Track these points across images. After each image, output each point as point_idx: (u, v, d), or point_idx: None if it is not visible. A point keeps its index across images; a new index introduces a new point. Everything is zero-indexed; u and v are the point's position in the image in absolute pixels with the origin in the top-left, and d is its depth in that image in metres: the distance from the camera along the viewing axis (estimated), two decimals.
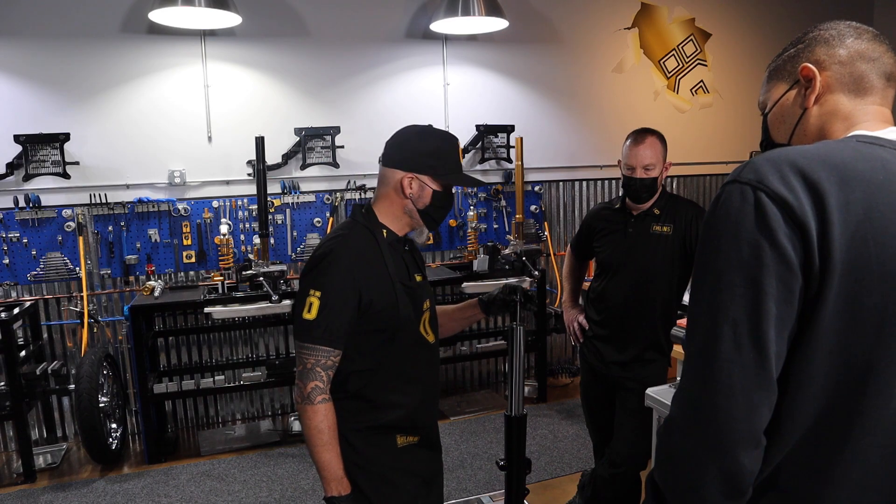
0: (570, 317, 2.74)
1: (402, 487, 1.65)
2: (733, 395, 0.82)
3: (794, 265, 0.82)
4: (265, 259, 3.74)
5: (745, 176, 0.86)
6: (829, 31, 1.03)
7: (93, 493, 3.26)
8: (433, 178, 1.61)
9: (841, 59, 1.01)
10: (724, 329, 0.83)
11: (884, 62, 1.00)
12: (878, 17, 5.48)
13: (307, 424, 1.53)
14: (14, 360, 3.29)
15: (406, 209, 1.64)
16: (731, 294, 0.83)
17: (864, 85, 1.00)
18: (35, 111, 3.67)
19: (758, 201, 0.83)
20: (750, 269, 0.82)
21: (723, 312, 0.83)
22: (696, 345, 0.87)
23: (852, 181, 0.83)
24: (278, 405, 4.31)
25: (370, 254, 1.58)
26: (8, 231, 3.67)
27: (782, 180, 0.83)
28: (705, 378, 0.84)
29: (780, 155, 0.87)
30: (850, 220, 0.81)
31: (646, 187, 2.42)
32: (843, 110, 1.01)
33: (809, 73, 1.02)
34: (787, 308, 0.82)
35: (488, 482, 3.25)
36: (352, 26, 4.18)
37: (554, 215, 4.79)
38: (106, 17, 3.74)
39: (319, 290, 1.51)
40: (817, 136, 1.03)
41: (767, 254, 0.81)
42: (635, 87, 4.91)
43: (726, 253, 0.84)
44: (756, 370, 0.82)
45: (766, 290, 0.81)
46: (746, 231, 0.83)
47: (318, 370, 1.53)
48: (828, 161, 0.85)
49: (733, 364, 0.82)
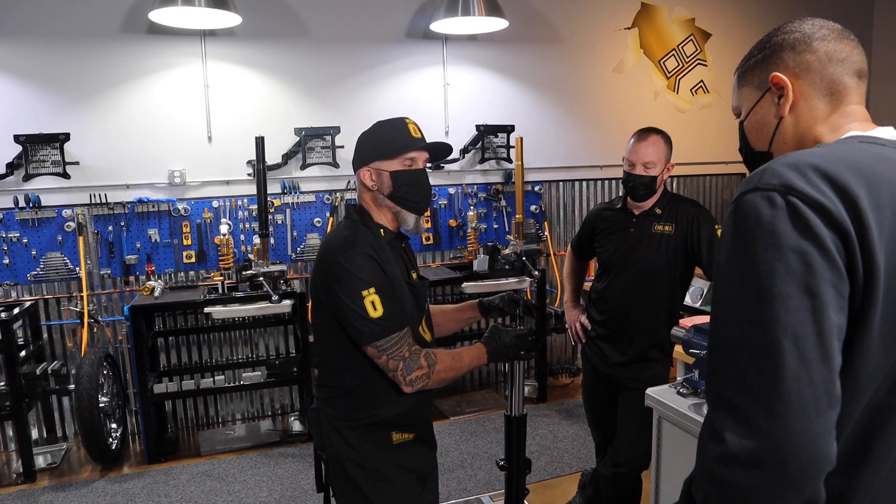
0: (571, 317, 2.74)
1: (398, 483, 1.67)
2: (808, 418, 0.74)
3: (843, 271, 0.77)
4: (265, 259, 3.74)
5: (767, 182, 0.80)
6: (794, 33, 1.01)
7: (93, 493, 3.26)
8: (385, 161, 1.64)
9: (810, 66, 0.99)
10: (786, 344, 0.75)
11: (853, 61, 0.99)
12: (878, 17, 5.48)
13: (447, 379, 1.64)
14: (14, 360, 3.29)
15: (378, 200, 1.67)
16: (785, 306, 0.75)
17: (838, 87, 0.98)
18: (35, 111, 3.67)
19: (792, 207, 0.77)
20: (802, 277, 0.75)
21: (780, 327, 0.75)
22: (749, 369, 0.77)
23: (877, 183, 0.80)
24: (278, 405, 4.31)
25: (379, 252, 1.60)
26: (8, 231, 3.66)
27: (811, 184, 0.78)
28: (771, 403, 0.74)
29: (797, 159, 0.82)
30: (885, 223, 0.78)
31: (643, 185, 2.41)
32: (821, 117, 0.99)
33: (780, 82, 1.00)
34: (842, 316, 0.77)
35: (488, 482, 3.25)
36: (352, 26, 4.18)
37: (554, 215, 4.79)
38: (106, 17, 3.74)
39: (371, 286, 1.54)
40: (798, 143, 1.01)
41: (818, 260, 0.75)
42: (635, 87, 4.91)
43: (768, 263, 0.77)
44: (826, 386, 0.75)
45: (825, 298, 0.75)
46: (788, 238, 0.76)
47: (414, 348, 1.58)
48: (849, 163, 0.81)
49: (802, 382, 0.74)
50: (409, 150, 1.64)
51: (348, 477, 1.64)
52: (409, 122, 1.67)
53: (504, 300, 1.88)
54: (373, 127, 1.70)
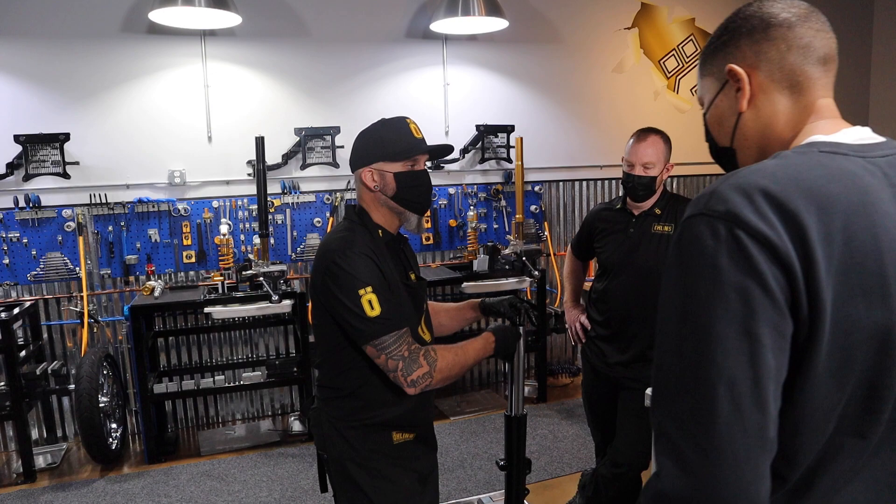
0: (571, 317, 2.74)
1: (399, 483, 1.67)
2: (738, 465, 0.72)
3: (785, 310, 0.73)
4: (265, 259, 3.74)
5: (713, 208, 0.76)
6: (752, 18, 0.92)
7: (93, 493, 3.26)
8: (388, 162, 1.63)
9: (768, 55, 0.90)
10: (720, 389, 0.72)
11: (816, 47, 0.89)
12: (878, 17, 5.48)
13: (452, 376, 1.62)
14: (14, 360, 3.29)
15: (380, 201, 1.66)
16: (723, 348, 0.72)
17: (800, 79, 0.90)
18: (35, 111, 3.67)
19: (735, 239, 0.73)
20: (741, 319, 0.72)
21: (714, 369, 0.72)
22: (684, 407, 0.75)
23: (830, 208, 0.75)
24: (278, 405, 4.31)
25: (376, 253, 1.61)
26: (8, 231, 3.66)
27: (758, 213, 0.74)
28: (704, 448, 0.73)
29: (748, 181, 0.77)
30: (834, 255, 0.74)
31: (643, 185, 2.41)
32: (783, 111, 0.92)
33: (737, 75, 0.93)
34: (782, 358, 0.74)
35: (488, 482, 3.25)
36: (352, 26, 4.18)
37: (554, 215, 4.79)
38: (106, 17, 3.74)
39: (368, 284, 1.53)
40: (760, 140, 0.94)
41: (758, 300, 0.72)
42: (635, 87, 4.91)
43: (707, 301, 0.74)
44: (759, 433, 0.72)
45: (763, 341, 0.72)
46: (730, 274, 0.73)
47: (413, 347, 1.57)
48: (801, 185, 0.76)
49: (734, 428, 0.72)
50: (414, 154, 1.63)
51: (349, 477, 1.64)
52: (411, 123, 1.67)
53: (505, 305, 1.86)
54: (373, 126, 1.69)
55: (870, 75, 5.57)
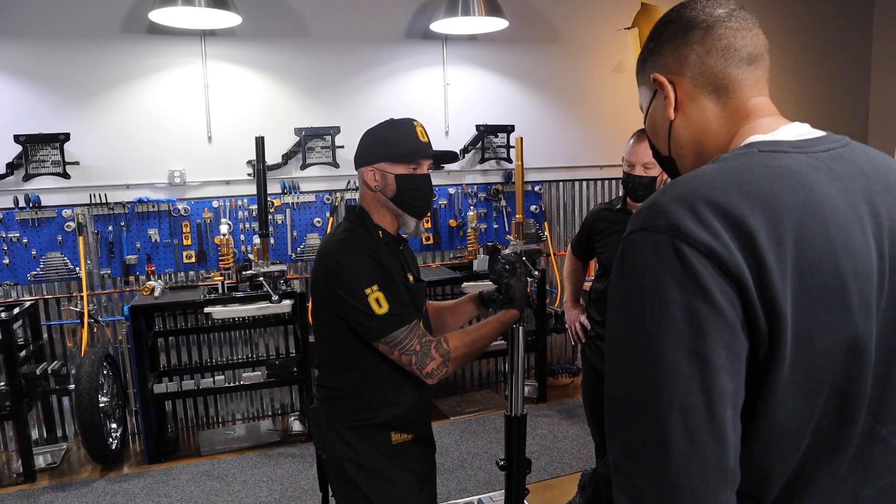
0: (571, 317, 2.74)
1: (398, 483, 1.67)
2: (697, 499, 0.67)
3: (738, 328, 0.68)
4: (265, 259, 3.74)
5: (653, 222, 0.71)
6: (672, 24, 0.90)
7: (93, 493, 3.26)
8: (391, 164, 1.63)
9: (688, 61, 0.87)
10: (672, 419, 0.67)
11: (738, 47, 0.86)
12: (878, 17, 5.48)
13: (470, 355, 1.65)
14: (14, 360, 3.29)
15: (380, 201, 1.66)
16: (672, 374, 0.67)
17: (724, 83, 0.86)
18: (35, 111, 3.67)
19: (679, 254, 0.68)
20: (690, 341, 0.67)
21: (665, 397, 0.67)
22: (636, 438, 0.70)
23: (777, 209, 0.70)
24: (278, 405, 4.31)
25: (376, 251, 1.61)
26: (8, 231, 3.66)
27: (701, 223, 0.69)
28: (659, 482, 0.68)
29: (688, 191, 0.73)
30: (787, 259, 0.69)
31: (643, 185, 2.41)
32: (713, 116, 0.88)
33: (660, 82, 0.91)
34: (739, 379, 0.69)
35: (488, 482, 3.25)
36: (352, 26, 4.18)
37: (554, 215, 4.79)
38: (106, 17, 3.74)
39: (375, 283, 1.54)
40: (695, 146, 0.91)
41: (707, 319, 0.67)
42: (635, 87, 4.88)
43: (654, 323, 0.69)
44: (718, 464, 0.68)
45: (716, 363, 0.67)
46: (674, 293, 0.68)
47: (424, 340, 1.58)
48: (743, 187, 0.72)
49: (691, 461, 0.67)
50: (417, 158, 1.63)
51: (348, 477, 1.65)
52: (418, 126, 1.66)
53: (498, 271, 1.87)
54: (381, 126, 1.68)
55: (870, 75, 5.57)
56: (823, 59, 5.28)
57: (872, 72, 5.57)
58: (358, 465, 1.64)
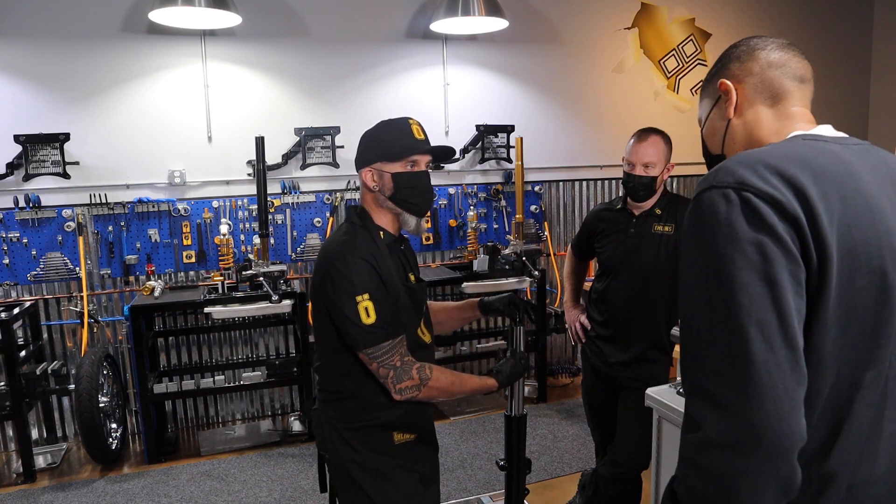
0: (571, 317, 2.74)
1: (401, 483, 1.67)
2: (778, 397, 0.79)
3: (798, 258, 0.82)
4: (265, 259, 3.74)
5: (721, 180, 0.87)
6: (741, 47, 1.11)
7: (93, 493, 3.26)
8: (387, 162, 1.64)
9: (752, 71, 1.07)
10: (751, 331, 0.80)
11: (791, 67, 1.06)
12: (878, 17, 5.48)
13: (440, 397, 1.64)
14: (14, 360, 3.29)
15: (380, 201, 1.67)
16: (748, 294, 0.81)
17: (778, 90, 1.06)
18: (35, 111, 3.67)
19: (746, 201, 0.83)
20: (761, 267, 0.81)
21: (744, 314, 0.80)
22: (720, 355, 0.82)
23: (822, 175, 0.86)
24: (278, 405, 4.31)
25: (376, 257, 1.60)
26: (8, 231, 3.66)
27: (762, 179, 0.84)
28: (743, 386, 0.80)
29: (748, 157, 0.89)
30: (833, 210, 0.84)
31: (643, 185, 2.41)
32: (765, 118, 1.06)
33: (726, 87, 1.10)
34: (800, 300, 0.83)
35: (488, 482, 3.25)
36: (352, 26, 4.18)
37: (554, 215, 4.79)
38: (106, 17, 3.74)
39: (365, 291, 1.54)
40: (746, 143, 1.08)
41: (773, 250, 0.81)
42: (635, 87, 4.91)
43: (728, 256, 0.82)
44: (792, 366, 0.80)
45: (783, 284, 0.81)
46: (744, 231, 0.82)
47: (406, 359, 1.58)
48: (795, 158, 0.88)
49: (770, 364, 0.79)
50: (412, 154, 1.63)
51: (350, 478, 1.65)
52: (413, 123, 1.67)
53: (504, 303, 1.86)
54: (377, 126, 1.70)
55: (870, 75, 5.57)
56: (823, 59, 5.28)
57: (872, 72, 5.57)
58: (360, 466, 1.64)
